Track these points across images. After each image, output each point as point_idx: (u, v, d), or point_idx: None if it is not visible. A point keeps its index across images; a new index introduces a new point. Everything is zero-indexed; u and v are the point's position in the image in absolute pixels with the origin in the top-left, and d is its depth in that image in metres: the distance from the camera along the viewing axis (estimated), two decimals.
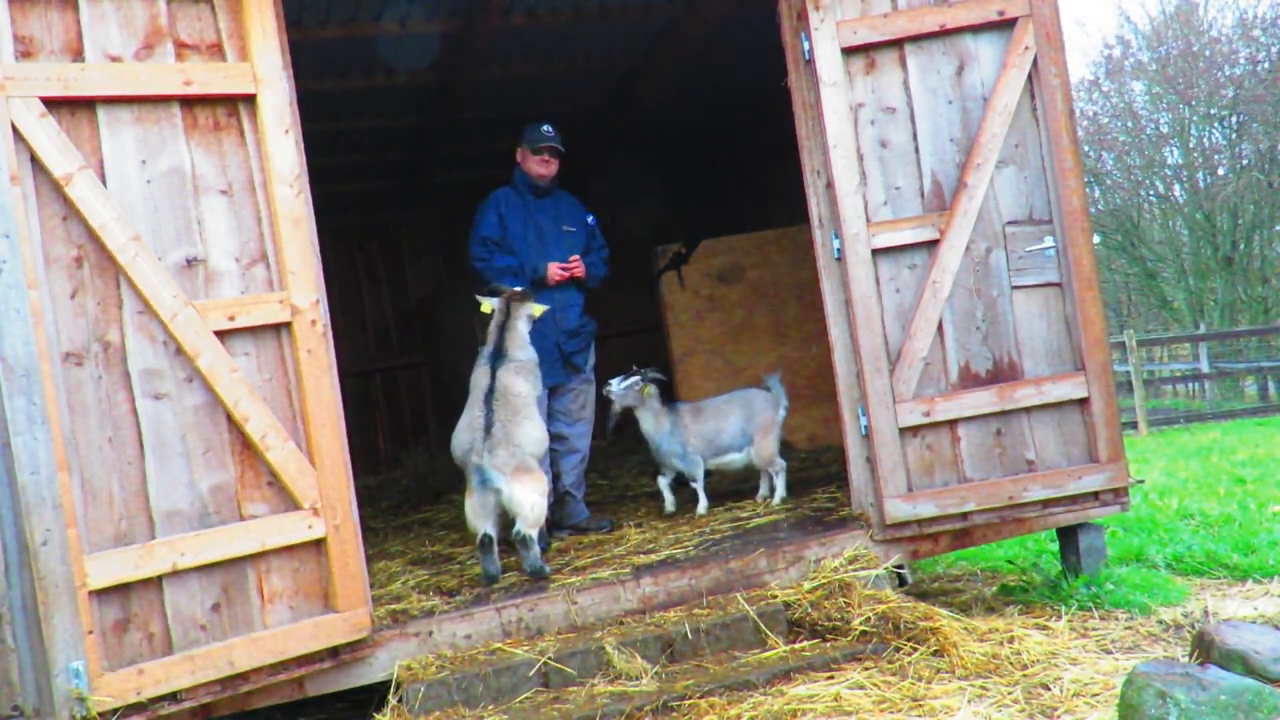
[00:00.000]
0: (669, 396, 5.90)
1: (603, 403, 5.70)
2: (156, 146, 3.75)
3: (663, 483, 5.72)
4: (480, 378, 4.99)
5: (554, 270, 5.43)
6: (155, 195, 3.74)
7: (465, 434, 4.88)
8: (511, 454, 4.72)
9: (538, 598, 4.33)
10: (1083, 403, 4.65)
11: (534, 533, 4.65)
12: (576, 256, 5.50)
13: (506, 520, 4.73)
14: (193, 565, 3.68)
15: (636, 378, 5.60)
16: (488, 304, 5.15)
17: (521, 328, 5.11)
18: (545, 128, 5.53)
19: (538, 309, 5.17)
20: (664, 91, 7.93)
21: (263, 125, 3.89)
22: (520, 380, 4.98)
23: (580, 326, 5.59)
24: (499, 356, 5.01)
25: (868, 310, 4.58)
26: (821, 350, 5.48)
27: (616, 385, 5.57)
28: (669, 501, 5.69)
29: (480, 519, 4.69)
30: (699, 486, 5.60)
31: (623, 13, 6.55)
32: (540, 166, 5.53)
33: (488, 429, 4.76)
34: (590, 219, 5.73)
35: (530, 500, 4.65)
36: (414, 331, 10.71)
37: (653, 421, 5.59)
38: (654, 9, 6.58)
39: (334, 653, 3.96)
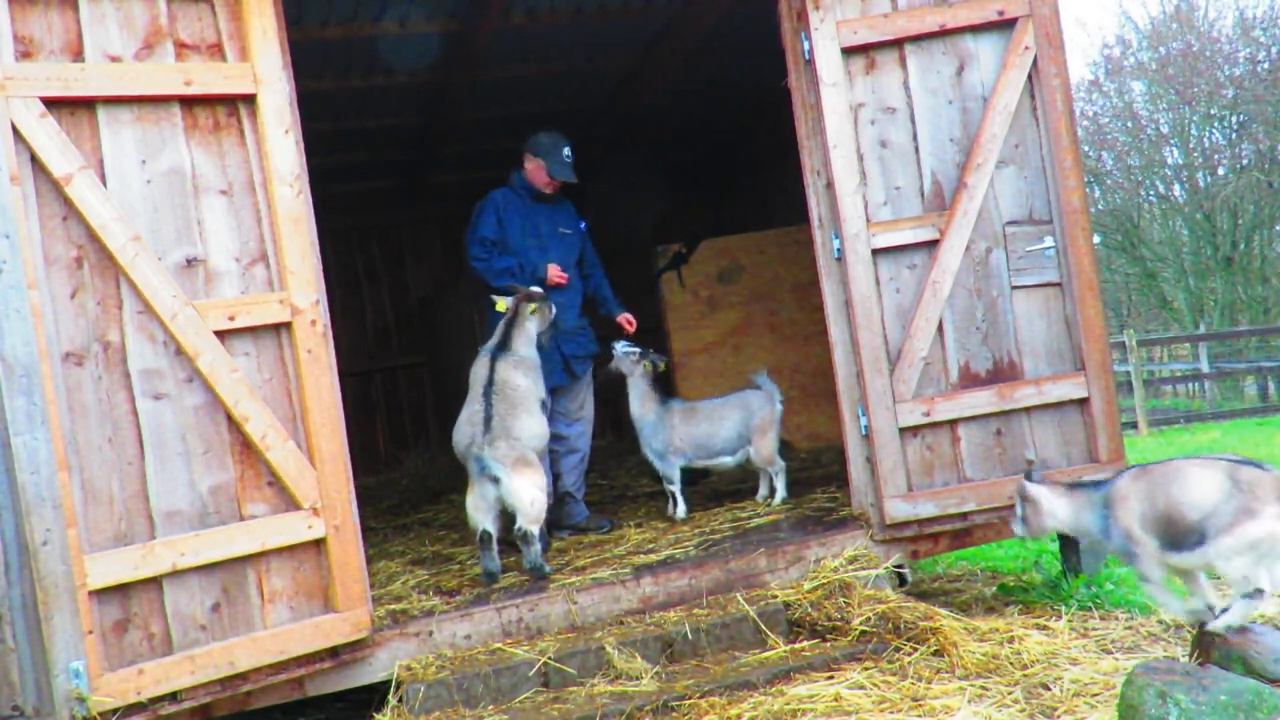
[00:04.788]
0: (667, 394, 5.89)
1: (601, 360, 5.81)
2: (156, 146, 3.75)
3: (674, 488, 5.58)
4: (480, 370, 5.01)
5: (553, 272, 5.43)
6: (155, 195, 3.74)
7: (466, 428, 4.90)
8: (511, 446, 4.74)
9: (538, 598, 4.33)
10: (1083, 403, 4.65)
11: (535, 529, 4.64)
12: (565, 276, 5.50)
13: (507, 519, 4.73)
14: (193, 565, 3.68)
15: (639, 350, 5.66)
16: (502, 302, 5.22)
17: (530, 327, 5.14)
18: (566, 152, 5.46)
19: (533, 306, 5.16)
20: (664, 91, 7.92)
21: (263, 125, 3.89)
22: (519, 375, 4.98)
23: (579, 327, 5.60)
24: (501, 350, 5.02)
25: (868, 310, 4.58)
26: (821, 350, 5.48)
27: (620, 346, 5.67)
28: (680, 508, 5.53)
29: (481, 514, 4.69)
30: (674, 489, 5.54)
31: (623, 13, 6.55)
32: (547, 186, 5.53)
33: (487, 422, 4.77)
34: (583, 225, 5.75)
35: (530, 495, 4.65)
36: (414, 331, 10.71)
37: (639, 403, 5.63)
38: (654, 9, 6.57)
39: (334, 653, 3.96)
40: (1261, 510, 3.28)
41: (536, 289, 5.26)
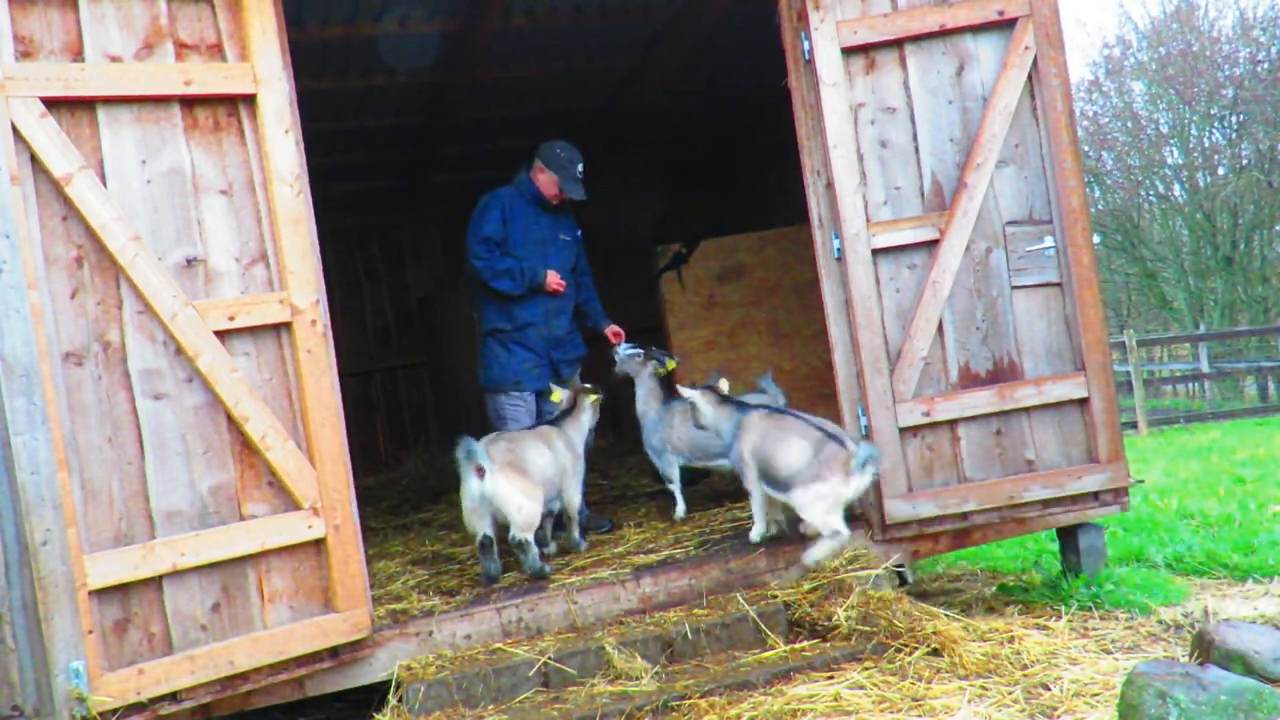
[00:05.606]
0: (669, 394, 5.90)
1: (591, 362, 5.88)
2: (156, 146, 3.75)
3: (674, 487, 5.63)
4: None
5: (552, 279, 5.44)
6: (155, 195, 3.74)
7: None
8: (509, 450, 4.67)
9: (538, 598, 4.33)
10: (1083, 403, 4.65)
11: (528, 536, 4.58)
12: (564, 284, 5.52)
13: (505, 521, 4.70)
14: (193, 565, 3.67)
15: (642, 351, 5.74)
16: (558, 393, 5.32)
17: (585, 420, 5.24)
18: (579, 169, 5.48)
19: (594, 397, 5.26)
20: (664, 91, 7.92)
21: (263, 125, 3.89)
22: (558, 439, 5.01)
23: (569, 334, 5.62)
24: (553, 425, 5.11)
25: (868, 310, 4.58)
26: (821, 350, 5.48)
27: (622, 349, 5.77)
28: (680, 507, 5.58)
29: (476, 519, 4.64)
30: (674, 488, 5.59)
31: (623, 13, 6.55)
32: (556, 199, 5.55)
33: (498, 432, 4.76)
34: (579, 233, 5.76)
35: (516, 501, 4.55)
36: (414, 331, 10.71)
37: (643, 401, 5.72)
38: (654, 9, 6.58)
39: (334, 653, 3.96)
40: (829, 477, 4.32)
41: (590, 386, 5.36)
